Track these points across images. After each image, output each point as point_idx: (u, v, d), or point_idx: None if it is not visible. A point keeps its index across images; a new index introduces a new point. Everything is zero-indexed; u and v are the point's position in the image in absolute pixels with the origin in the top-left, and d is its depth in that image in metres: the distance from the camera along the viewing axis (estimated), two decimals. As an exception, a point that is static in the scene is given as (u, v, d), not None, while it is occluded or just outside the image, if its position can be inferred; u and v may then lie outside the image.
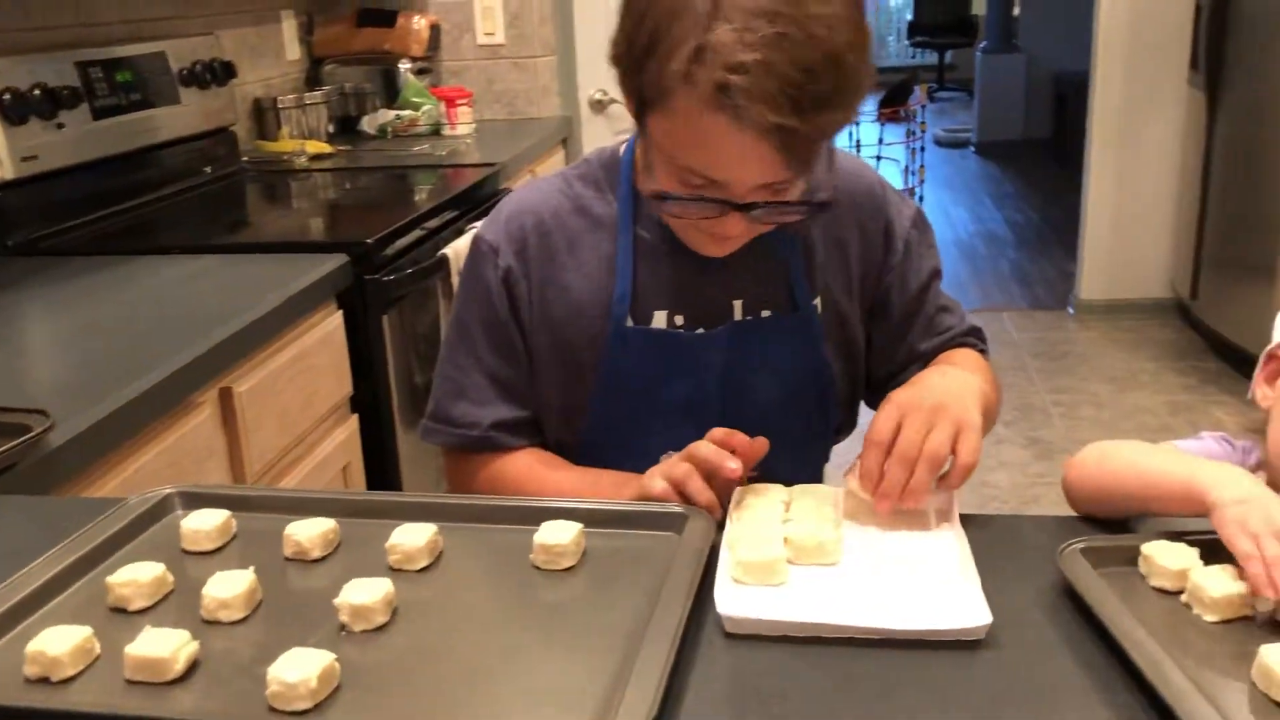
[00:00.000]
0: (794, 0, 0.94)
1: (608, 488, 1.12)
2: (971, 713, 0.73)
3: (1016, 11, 8.10)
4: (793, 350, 1.07)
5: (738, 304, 1.19)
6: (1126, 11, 4.11)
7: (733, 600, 0.84)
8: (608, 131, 3.33)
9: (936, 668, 0.78)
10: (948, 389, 1.03)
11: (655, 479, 1.04)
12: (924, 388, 1.04)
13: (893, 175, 6.34)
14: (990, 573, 0.87)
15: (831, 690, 0.76)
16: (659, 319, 1.18)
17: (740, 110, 0.93)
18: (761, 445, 1.03)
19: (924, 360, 1.25)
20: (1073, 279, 4.53)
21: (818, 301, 1.21)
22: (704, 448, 1.02)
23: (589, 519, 0.95)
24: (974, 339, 1.29)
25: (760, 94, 0.92)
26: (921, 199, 6.09)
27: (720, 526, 0.95)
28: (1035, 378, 3.91)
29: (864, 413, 1.24)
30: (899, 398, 1.01)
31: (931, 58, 10.02)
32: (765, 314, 1.19)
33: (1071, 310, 4.51)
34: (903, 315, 1.25)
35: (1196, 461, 0.92)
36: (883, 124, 6.47)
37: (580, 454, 1.22)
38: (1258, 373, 1.07)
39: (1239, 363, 3.71)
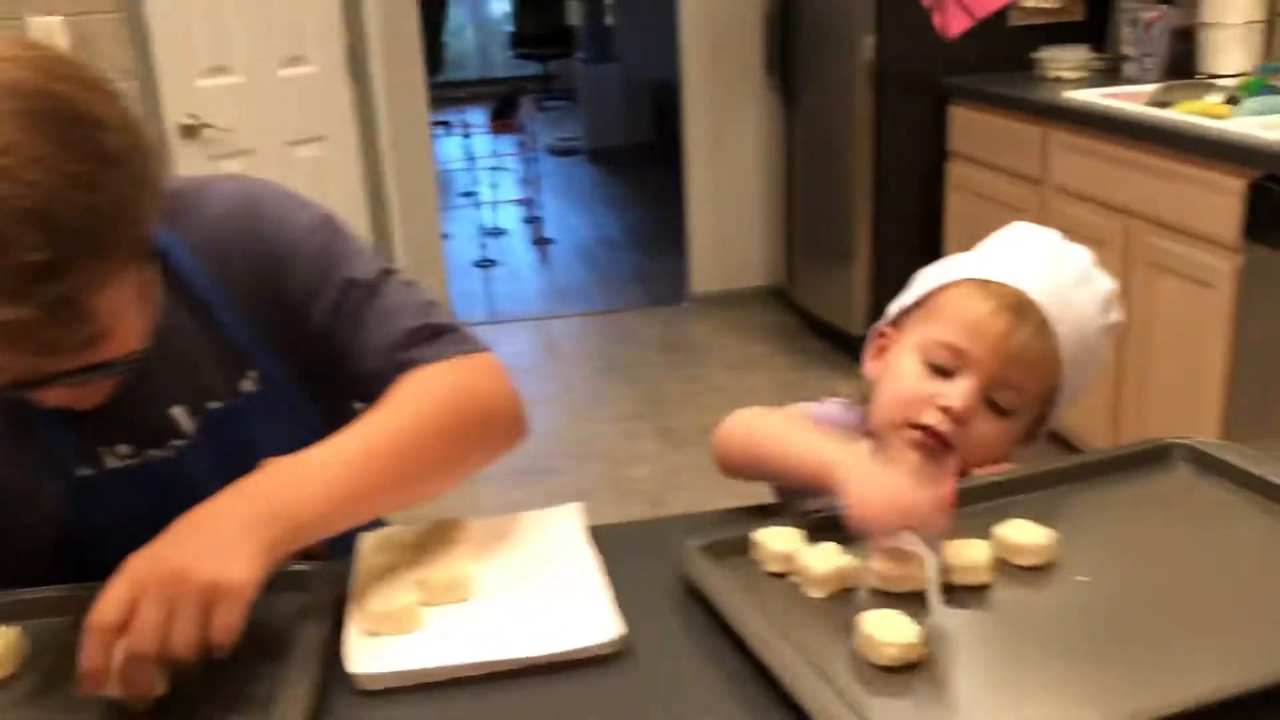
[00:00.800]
0: None
1: None
2: (612, 728, 0.74)
3: (609, 22, 8.46)
4: (268, 433, 0.93)
5: (180, 411, 1.03)
6: (706, 21, 4.40)
7: (364, 656, 0.81)
8: (202, 157, 3.12)
9: (576, 688, 0.79)
10: (202, 541, 0.80)
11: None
12: (167, 544, 0.80)
13: (509, 187, 6.44)
14: (622, 581, 0.89)
15: (474, 732, 0.75)
16: (107, 459, 1.02)
17: None
18: None
19: (381, 383, 0.99)
20: (686, 274, 4.80)
21: (266, 371, 1.06)
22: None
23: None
24: (425, 348, 1.01)
25: None
26: (541, 208, 6.23)
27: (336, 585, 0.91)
28: (662, 371, 4.10)
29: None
30: (132, 566, 0.78)
31: (535, 68, 10.26)
32: (214, 406, 1.04)
33: (687, 304, 4.77)
34: (334, 340, 1.04)
35: (824, 438, 0.99)
36: (495, 136, 6.55)
37: None
38: (868, 349, 1.18)
39: (834, 340, 4.08)
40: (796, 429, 1.04)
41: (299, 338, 1.04)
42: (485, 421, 1.00)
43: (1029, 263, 1.09)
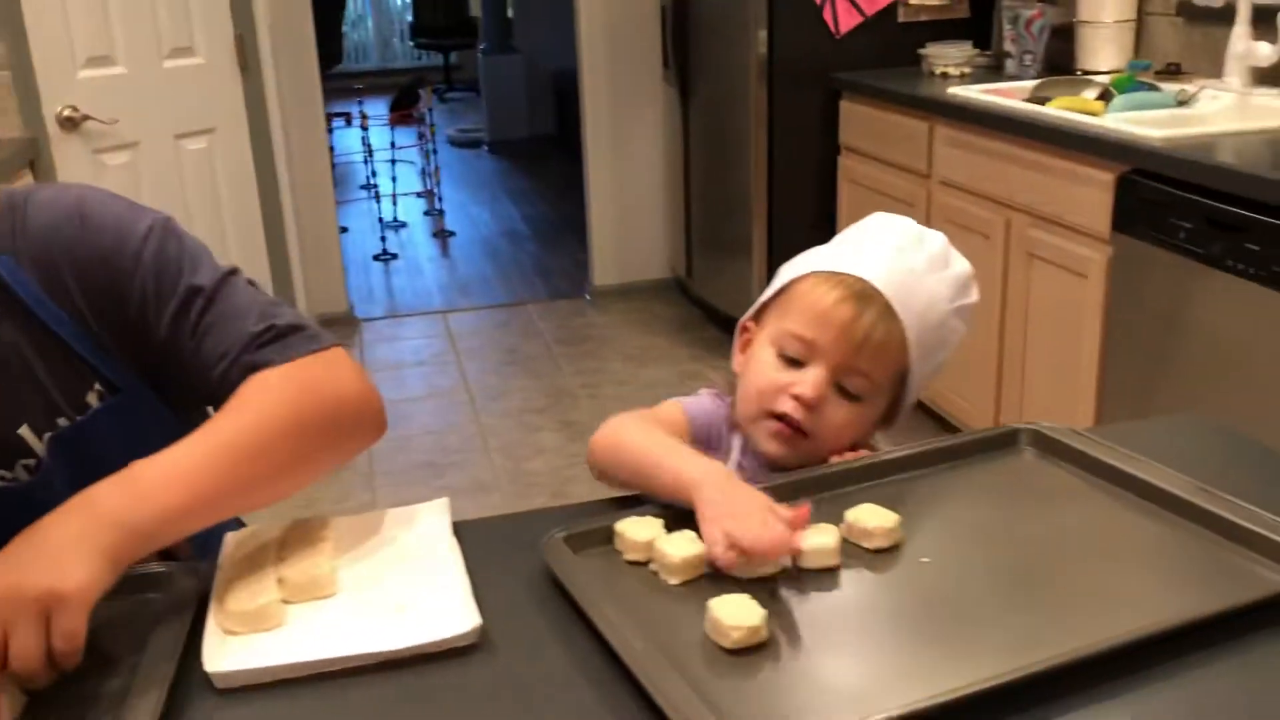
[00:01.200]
0: None
1: None
2: (466, 719, 0.76)
3: (510, 13, 8.41)
4: (121, 445, 0.90)
5: (27, 431, 1.00)
6: (603, 15, 4.41)
7: (221, 654, 0.81)
8: (85, 151, 3.04)
9: (434, 680, 0.80)
10: (34, 552, 0.79)
11: None
12: (3, 559, 0.80)
13: (409, 178, 6.38)
14: (488, 574, 0.90)
15: (329, 726, 0.76)
16: None
17: None
18: None
19: (230, 387, 0.98)
20: (587, 267, 4.81)
21: (112, 383, 1.03)
22: None
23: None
24: (271, 349, 1.00)
25: None
26: (441, 201, 6.19)
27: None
28: (562, 364, 4.11)
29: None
30: None
31: (437, 59, 10.15)
32: (62, 423, 1.02)
33: (588, 297, 4.78)
34: (180, 347, 1.02)
35: (687, 458, 0.99)
36: (394, 127, 6.47)
37: None
38: (735, 343, 1.21)
39: (732, 330, 4.13)
40: (661, 444, 1.03)
41: (143, 346, 1.02)
42: (335, 418, 0.99)
43: (878, 252, 1.12)
